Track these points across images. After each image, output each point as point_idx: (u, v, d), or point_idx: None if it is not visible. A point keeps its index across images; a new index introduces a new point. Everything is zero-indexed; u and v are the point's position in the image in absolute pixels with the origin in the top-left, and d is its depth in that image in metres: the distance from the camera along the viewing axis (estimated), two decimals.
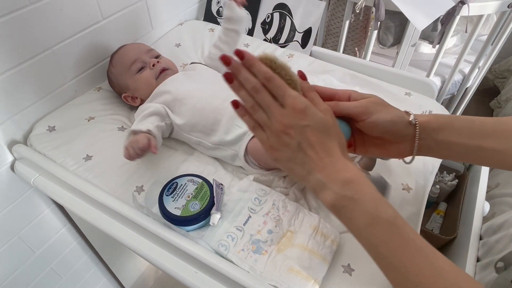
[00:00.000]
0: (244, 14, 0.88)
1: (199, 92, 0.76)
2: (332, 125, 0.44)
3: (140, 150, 0.63)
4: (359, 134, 0.52)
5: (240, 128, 0.70)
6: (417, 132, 0.47)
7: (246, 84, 0.44)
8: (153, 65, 0.83)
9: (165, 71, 0.83)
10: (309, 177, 0.43)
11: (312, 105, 0.43)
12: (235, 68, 0.44)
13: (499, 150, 0.45)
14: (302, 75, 0.47)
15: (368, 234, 0.40)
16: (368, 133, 0.50)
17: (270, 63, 0.45)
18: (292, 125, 0.42)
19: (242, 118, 0.48)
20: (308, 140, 0.42)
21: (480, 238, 0.75)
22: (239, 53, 0.43)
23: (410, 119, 0.48)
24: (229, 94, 0.76)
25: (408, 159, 0.52)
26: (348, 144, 0.50)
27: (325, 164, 0.42)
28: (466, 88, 1.48)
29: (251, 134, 0.69)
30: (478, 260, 0.71)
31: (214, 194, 0.62)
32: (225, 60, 0.43)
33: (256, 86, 0.43)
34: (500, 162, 0.46)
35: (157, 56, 0.86)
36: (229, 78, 0.45)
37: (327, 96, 0.50)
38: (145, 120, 0.73)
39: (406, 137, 0.48)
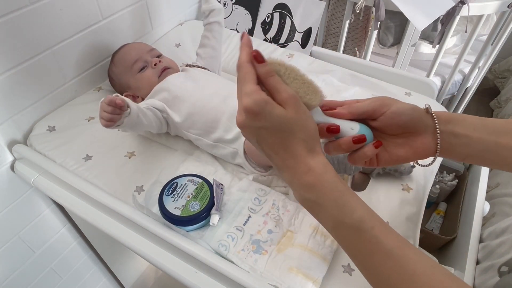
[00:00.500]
0: (221, 5, 0.89)
1: (199, 90, 0.76)
2: (294, 120, 0.39)
3: (108, 106, 0.59)
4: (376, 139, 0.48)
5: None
6: (436, 121, 0.46)
7: None
8: (155, 64, 0.83)
9: (166, 70, 0.83)
10: (280, 173, 0.42)
11: (267, 101, 0.38)
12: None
13: None
14: (256, 56, 0.40)
15: (336, 236, 0.41)
16: (389, 128, 0.46)
17: (279, 66, 0.42)
18: (246, 125, 0.39)
19: None
20: (266, 141, 0.40)
21: (481, 241, 0.75)
22: (243, 34, 0.42)
23: (427, 107, 0.47)
24: (229, 92, 0.76)
25: (429, 160, 0.49)
26: (379, 142, 0.46)
27: (288, 166, 0.40)
28: (466, 88, 1.48)
29: None
30: (478, 262, 0.71)
31: (214, 194, 0.62)
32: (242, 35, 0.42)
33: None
34: None
35: (159, 56, 0.87)
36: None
37: (335, 106, 0.48)
38: None
39: (428, 128, 0.46)
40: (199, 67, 0.87)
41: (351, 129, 0.45)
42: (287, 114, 0.39)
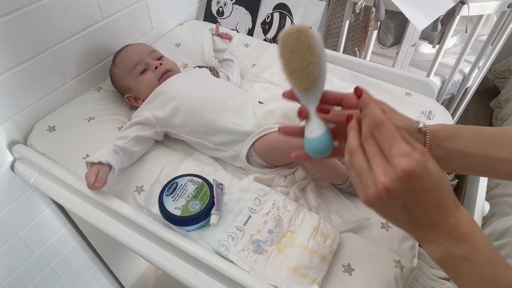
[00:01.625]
0: (228, 45, 0.93)
1: (197, 93, 0.76)
2: (445, 177, 0.37)
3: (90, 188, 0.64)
4: None
5: (240, 127, 0.70)
6: (427, 140, 0.45)
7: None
8: (156, 68, 0.82)
9: (167, 73, 0.83)
10: (413, 231, 0.40)
11: (427, 158, 0.36)
12: (362, 102, 0.42)
13: (508, 160, 0.43)
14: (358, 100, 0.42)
15: None
16: None
17: (306, 39, 0.41)
18: (398, 188, 0.36)
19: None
20: (418, 202, 0.37)
21: None
22: (358, 90, 0.42)
23: (420, 126, 0.46)
24: (228, 95, 0.76)
25: None
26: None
27: (435, 222, 0.38)
28: (466, 88, 1.48)
29: (257, 135, 0.69)
30: None
31: (214, 194, 0.62)
32: (357, 91, 0.43)
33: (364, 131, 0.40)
34: (509, 173, 0.44)
35: (160, 58, 0.86)
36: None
37: (334, 100, 0.48)
38: (128, 129, 0.75)
39: None
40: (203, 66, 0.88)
41: (310, 131, 0.45)
42: (441, 172, 0.37)
